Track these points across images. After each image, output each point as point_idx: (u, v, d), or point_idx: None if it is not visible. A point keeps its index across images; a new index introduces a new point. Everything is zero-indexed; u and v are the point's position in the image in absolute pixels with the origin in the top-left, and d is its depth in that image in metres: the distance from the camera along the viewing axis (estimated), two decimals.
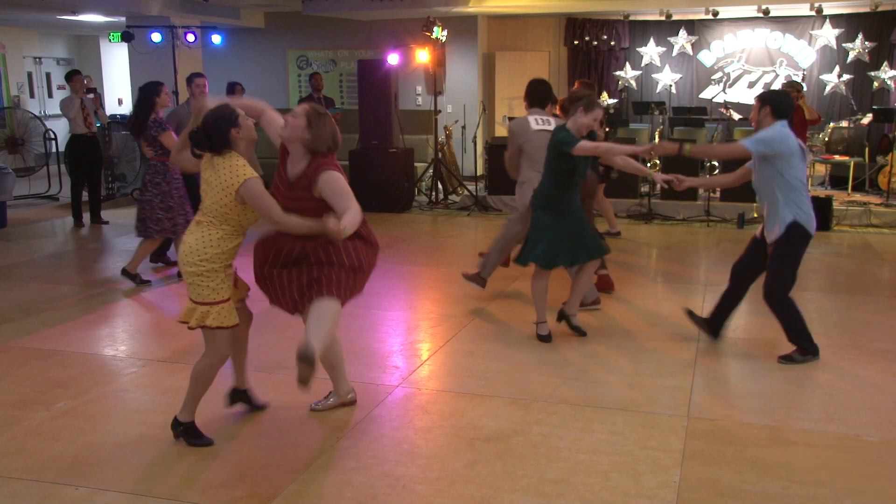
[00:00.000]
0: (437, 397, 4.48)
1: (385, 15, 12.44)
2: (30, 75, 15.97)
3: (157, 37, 11.72)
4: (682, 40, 13.10)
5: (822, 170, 11.52)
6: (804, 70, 12.58)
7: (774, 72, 12.80)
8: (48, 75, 16.42)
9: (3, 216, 9.86)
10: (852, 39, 12.29)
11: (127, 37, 11.69)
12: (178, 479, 3.54)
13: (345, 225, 3.54)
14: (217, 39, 12.29)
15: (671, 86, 13.25)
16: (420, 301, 6.64)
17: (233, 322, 3.76)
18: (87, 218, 9.98)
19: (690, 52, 13.15)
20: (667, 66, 13.25)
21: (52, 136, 12.59)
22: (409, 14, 12.05)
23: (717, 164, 10.70)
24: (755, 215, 9.74)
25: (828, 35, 12.43)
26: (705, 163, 10.73)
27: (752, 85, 13.01)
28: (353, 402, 4.29)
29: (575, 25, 13.45)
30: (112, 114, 14.86)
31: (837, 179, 11.14)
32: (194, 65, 12.55)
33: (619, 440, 3.90)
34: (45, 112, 15.43)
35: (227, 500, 3.37)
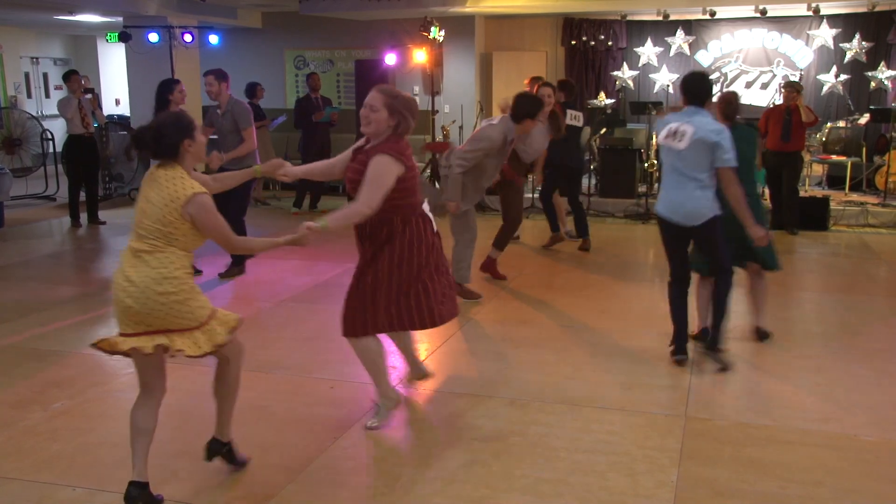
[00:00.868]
0: (435, 397, 4.48)
1: (382, 15, 12.44)
2: (27, 75, 15.94)
3: (154, 37, 11.71)
4: (679, 40, 13.11)
5: (819, 170, 11.53)
6: (801, 70, 12.59)
7: (772, 72, 12.81)
8: (45, 75, 16.39)
9: (1, 216, 9.84)
10: (849, 39, 12.30)
11: (124, 37, 11.67)
12: (176, 480, 3.53)
13: (325, 223, 3.50)
14: (214, 39, 12.28)
15: (668, 86, 13.25)
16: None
17: (233, 324, 3.35)
18: (84, 218, 9.97)
19: (688, 53, 13.16)
20: (664, 67, 13.25)
21: (50, 137, 12.57)
22: (406, 14, 12.04)
23: None
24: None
25: (825, 35, 12.44)
26: None
27: (749, 85, 13.01)
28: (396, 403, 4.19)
29: (572, 25, 13.45)
30: (109, 114, 14.84)
31: (835, 179, 11.16)
32: (192, 65, 12.56)
33: (616, 440, 3.90)
34: (42, 112, 15.41)
35: (224, 500, 3.37)
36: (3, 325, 5.83)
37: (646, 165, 10.55)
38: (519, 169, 6.88)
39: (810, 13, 11.98)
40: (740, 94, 12.91)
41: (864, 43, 12.22)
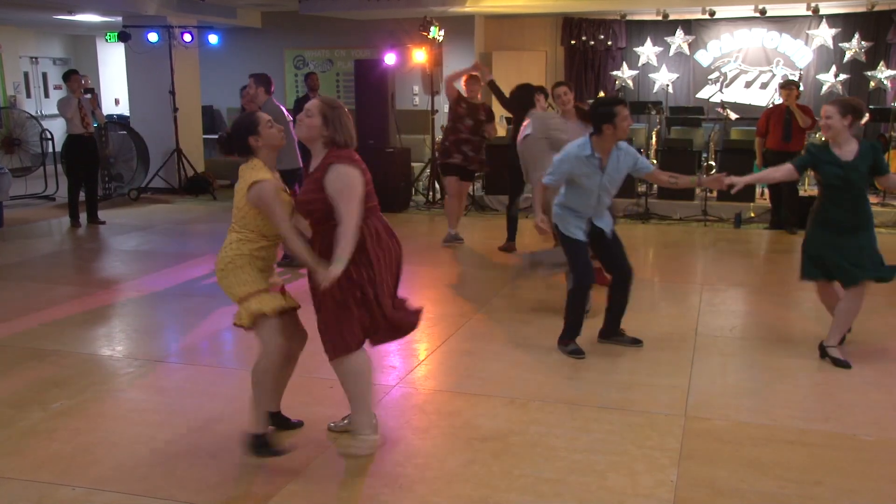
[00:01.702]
0: (435, 397, 4.48)
1: (382, 15, 12.44)
2: (26, 75, 15.94)
3: (153, 37, 11.71)
4: (678, 40, 13.11)
5: None
6: (801, 70, 12.60)
7: (771, 71, 12.82)
8: (45, 75, 16.39)
9: (0, 216, 9.84)
10: (849, 39, 12.31)
11: (124, 37, 11.68)
12: (175, 479, 3.53)
13: (332, 275, 3.39)
14: (214, 39, 12.28)
15: (668, 86, 13.26)
16: (417, 301, 6.63)
17: (273, 306, 3.63)
18: (84, 218, 9.97)
19: (687, 52, 13.16)
20: (664, 66, 13.26)
21: (49, 137, 12.58)
22: (405, 14, 12.04)
23: (713, 163, 10.71)
24: (752, 215, 9.76)
25: (824, 35, 12.45)
26: (702, 162, 10.74)
27: (748, 85, 13.03)
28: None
29: (572, 25, 13.46)
30: (109, 114, 14.85)
31: None
32: (191, 64, 12.57)
33: (616, 439, 3.90)
34: (41, 112, 15.41)
35: (223, 499, 3.37)
36: (3, 324, 5.83)
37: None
38: None
39: (810, 13, 11.99)
40: (740, 93, 12.98)
41: (863, 42, 12.23)
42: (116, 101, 17.03)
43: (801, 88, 9.73)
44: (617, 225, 5.01)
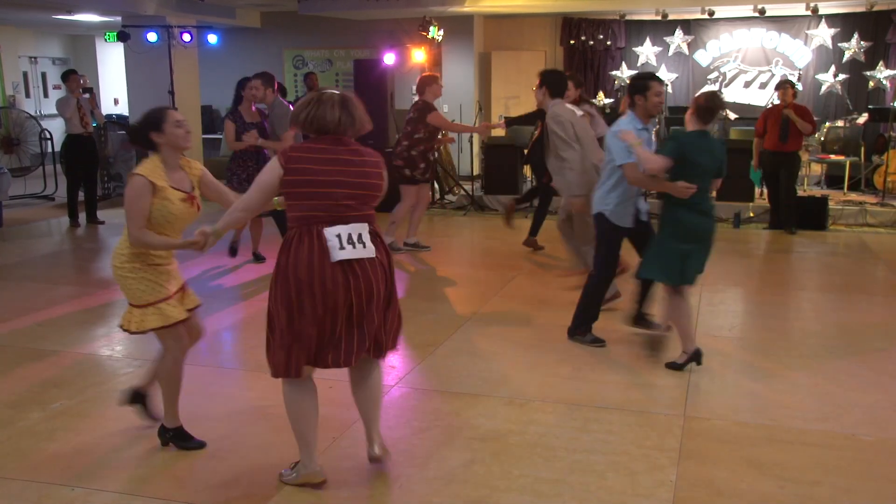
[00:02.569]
0: (434, 397, 4.48)
1: (381, 15, 12.44)
2: (25, 75, 15.94)
3: (153, 36, 11.70)
4: (678, 40, 13.11)
5: (818, 169, 11.54)
6: (800, 70, 12.60)
7: (770, 71, 12.83)
8: (44, 75, 16.39)
9: (0, 216, 9.84)
10: (848, 39, 12.32)
11: (123, 36, 11.67)
12: (175, 480, 3.53)
13: (218, 227, 3.40)
14: (213, 39, 12.28)
15: (667, 85, 13.25)
16: (416, 300, 6.63)
17: (173, 318, 3.64)
18: (83, 218, 9.97)
19: (686, 52, 13.17)
20: (663, 66, 13.25)
21: (48, 136, 12.57)
22: (405, 14, 12.04)
23: None
24: (751, 215, 9.76)
25: (823, 35, 12.45)
26: None
27: (748, 84, 13.03)
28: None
29: (571, 25, 13.46)
30: (108, 113, 14.83)
31: (833, 179, 11.17)
32: (190, 64, 12.56)
33: (615, 439, 3.90)
34: (40, 112, 15.41)
35: (222, 500, 3.37)
36: (2, 324, 5.82)
37: None
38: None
39: (809, 13, 12.00)
40: (739, 93, 12.98)
41: (862, 42, 12.23)
42: (116, 101, 17.02)
43: (797, 88, 9.72)
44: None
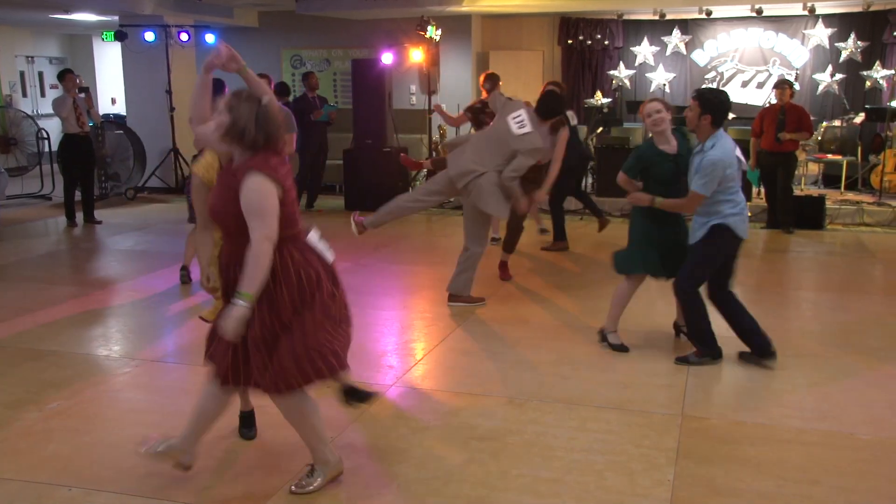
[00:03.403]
0: (432, 396, 4.48)
1: (379, 14, 12.43)
2: (22, 74, 15.91)
3: (150, 36, 11.69)
4: (675, 40, 13.12)
5: (814, 169, 11.55)
6: (797, 69, 12.62)
7: (768, 71, 12.84)
8: (41, 74, 16.36)
9: None
10: (845, 39, 12.33)
11: (120, 36, 11.66)
12: (173, 480, 3.52)
13: (248, 296, 3.00)
14: (211, 39, 12.25)
15: (665, 85, 13.27)
16: (415, 300, 6.64)
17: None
18: (80, 217, 9.95)
19: (684, 52, 13.17)
20: (660, 66, 13.26)
21: (45, 136, 12.55)
22: (403, 13, 12.03)
23: None
24: (748, 214, 9.75)
25: (820, 34, 12.46)
26: None
27: (745, 84, 13.04)
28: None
29: (569, 25, 13.46)
30: (105, 113, 14.82)
31: (830, 178, 11.19)
32: (188, 64, 12.54)
33: (613, 439, 3.91)
34: (37, 111, 15.38)
35: (221, 500, 3.37)
36: None
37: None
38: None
39: (806, 12, 12.01)
40: (736, 93, 12.97)
41: (859, 42, 12.25)
42: (113, 101, 17.00)
43: (794, 88, 9.73)
44: (615, 224, 5.05)
